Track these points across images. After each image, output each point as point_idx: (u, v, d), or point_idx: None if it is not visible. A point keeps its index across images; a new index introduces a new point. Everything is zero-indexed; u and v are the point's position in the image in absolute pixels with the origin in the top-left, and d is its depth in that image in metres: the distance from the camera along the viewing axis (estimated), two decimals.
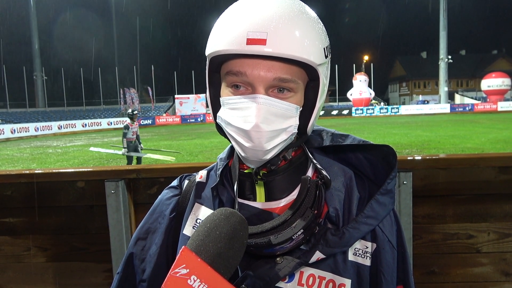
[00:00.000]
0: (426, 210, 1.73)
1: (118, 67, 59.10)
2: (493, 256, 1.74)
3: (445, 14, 51.10)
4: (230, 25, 0.71)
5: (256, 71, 0.71)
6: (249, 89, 0.73)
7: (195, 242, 0.62)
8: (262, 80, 0.71)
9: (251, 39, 0.68)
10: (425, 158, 1.68)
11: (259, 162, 0.77)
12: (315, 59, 0.71)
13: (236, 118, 0.73)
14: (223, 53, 0.72)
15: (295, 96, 0.74)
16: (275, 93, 0.73)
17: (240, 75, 0.72)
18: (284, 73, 0.71)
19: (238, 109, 0.73)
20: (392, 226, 0.82)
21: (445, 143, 13.91)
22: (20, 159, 14.47)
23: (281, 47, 0.68)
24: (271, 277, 0.73)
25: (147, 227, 0.92)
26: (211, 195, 0.85)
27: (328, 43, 0.78)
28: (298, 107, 0.75)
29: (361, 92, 48.91)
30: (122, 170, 1.77)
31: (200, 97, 47.23)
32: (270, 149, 0.73)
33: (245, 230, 0.66)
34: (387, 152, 0.80)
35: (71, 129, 34.27)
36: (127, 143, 10.25)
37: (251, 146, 0.72)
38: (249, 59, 0.71)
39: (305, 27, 0.71)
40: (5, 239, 1.91)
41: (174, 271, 0.57)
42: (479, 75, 59.45)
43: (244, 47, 0.68)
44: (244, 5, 0.73)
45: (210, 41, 0.75)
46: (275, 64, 0.71)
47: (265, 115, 0.71)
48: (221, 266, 0.61)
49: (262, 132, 0.71)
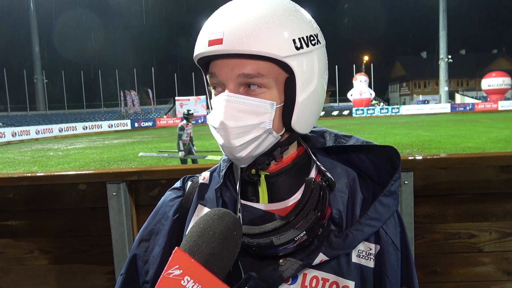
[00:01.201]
0: (428, 209, 1.73)
1: (118, 69, 59.18)
2: (495, 255, 1.74)
3: (445, 14, 51.08)
4: (201, 31, 0.76)
5: (224, 71, 0.73)
6: (223, 89, 0.75)
7: (189, 243, 0.62)
8: (229, 78, 0.73)
9: (211, 40, 0.71)
10: (426, 157, 1.68)
11: (238, 160, 0.77)
12: (277, 52, 0.70)
13: (211, 118, 0.76)
14: (198, 57, 0.76)
15: (269, 92, 0.74)
16: (245, 90, 0.74)
17: (214, 76, 0.75)
18: (248, 69, 0.71)
19: (214, 109, 0.75)
20: (396, 228, 0.82)
21: (446, 143, 13.89)
22: (22, 162, 14.48)
23: (236, 44, 0.69)
24: (274, 279, 0.73)
25: (150, 229, 0.92)
26: (215, 197, 0.85)
27: (308, 34, 0.74)
28: (274, 103, 0.74)
29: (361, 92, 48.87)
30: (124, 172, 1.77)
31: (200, 98, 47.24)
32: (240, 145, 0.73)
33: (239, 230, 0.66)
34: (391, 153, 0.80)
35: (72, 131, 34.28)
36: (183, 145, 9.63)
37: (222, 143, 0.74)
38: (219, 60, 0.74)
39: (263, 21, 0.70)
40: (8, 241, 1.91)
41: (167, 272, 0.57)
42: (479, 74, 59.40)
43: (206, 49, 0.72)
44: (214, 13, 0.77)
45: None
46: (239, 61, 0.72)
47: (231, 112, 0.72)
48: (214, 266, 0.61)
49: (228, 129, 0.72)
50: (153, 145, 18.69)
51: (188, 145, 9.86)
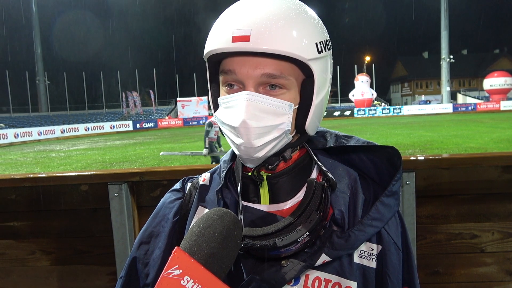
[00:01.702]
0: (430, 210, 1.72)
1: (120, 70, 59.16)
2: (498, 255, 1.73)
3: (446, 14, 51.00)
4: (220, 26, 0.74)
5: (245, 69, 0.71)
6: (240, 87, 0.74)
7: (189, 243, 0.62)
8: (251, 77, 0.72)
9: (236, 37, 0.69)
10: (428, 158, 1.68)
11: (253, 160, 0.76)
12: (303, 54, 0.70)
13: (227, 116, 0.74)
14: (214, 52, 0.73)
15: (288, 93, 0.74)
16: (266, 90, 0.73)
17: (230, 73, 0.73)
18: (272, 69, 0.71)
19: (230, 107, 0.74)
20: (397, 228, 0.82)
21: (448, 143, 13.86)
22: (24, 163, 14.52)
23: (265, 43, 0.68)
24: (277, 281, 0.73)
25: (150, 231, 0.91)
26: (216, 198, 0.85)
27: (325, 39, 0.77)
28: (292, 104, 0.74)
29: (363, 93, 48.82)
30: (125, 173, 1.77)
31: (202, 99, 47.26)
32: (260, 146, 0.73)
33: (239, 230, 0.66)
34: (392, 153, 0.80)
35: (74, 133, 34.34)
36: (209, 143, 8.70)
37: (241, 143, 0.73)
38: (239, 57, 0.72)
39: (292, 22, 0.71)
40: (10, 242, 1.91)
41: (166, 272, 0.56)
42: (481, 74, 59.22)
43: (230, 45, 0.70)
44: (234, 6, 0.75)
45: (206, 43, 0.77)
46: (263, 60, 0.71)
47: (253, 112, 0.71)
48: (214, 266, 0.60)
49: (250, 129, 0.71)
50: (155, 146, 18.70)
51: (214, 144, 8.93)
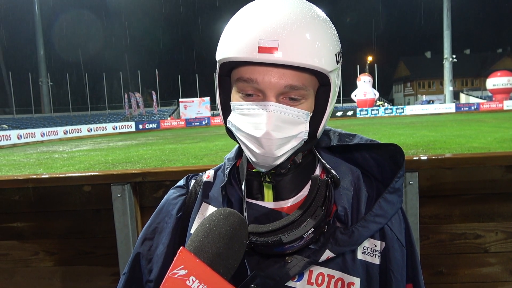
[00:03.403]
0: (433, 210, 1.72)
1: (122, 71, 59.40)
2: (502, 256, 1.72)
3: (449, 13, 50.88)
4: (241, 32, 0.71)
5: (267, 79, 0.71)
6: (260, 96, 0.73)
7: (194, 243, 0.62)
8: (273, 88, 0.71)
9: (262, 48, 0.67)
10: (431, 158, 1.67)
11: (268, 167, 0.77)
12: (326, 66, 0.71)
13: (246, 124, 0.73)
14: (235, 60, 0.72)
15: (306, 103, 0.74)
16: (286, 100, 0.73)
17: (251, 82, 0.72)
18: (295, 81, 0.71)
19: (248, 115, 0.73)
20: (401, 225, 0.82)
21: (451, 143, 13.81)
22: (27, 164, 14.57)
23: (293, 55, 0.67)
24: (281, 277, 0.73)
25: (154, 227, 0.92)
26: (220, 195, 0.85)
27: (340, 48, 0.77)
28: (309, 113, 0.75)
29: (365, 93, 48.78)
30: (128, 173, 1.77)
31: (204, 100, 47.27)
32: (280, 155, 0.74)
33: (245, 229, 0.66)
34: (394, 150, 0.80)
35: (77, 134, 34.45)
36: None
37: (262, 152, 0.73)
38: (261, 67, 0.71)
39: (317, 34, 0.71)
40: (13, 243, 1.92)
41: (172, 272, 0.56)
42: (484, 74, 59.12)
43: (255, 55, 0.68)
44: (255, 11, 0.73)
45: (221, 46, 0.75)
46: (286, 72, 0.70)
47: (275, 123, 0.71)
48: (220, 266, 0.60)
49: (273, 140, 0.71)
50: (157, 146, 18.73)
51: None
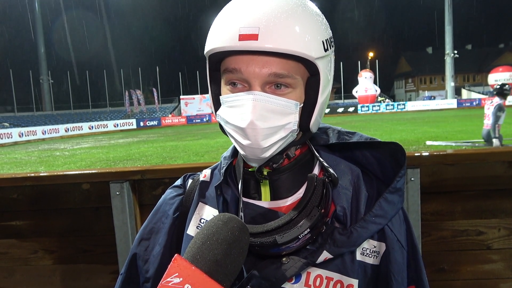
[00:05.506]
0: (435, 207, 1.71)
1: (123, 69, 59.38)
2: (504, 252, 1.71)
3: (450, 9, 50.67)
4: (224, 23, 0.71)
5: (251, 68, 0.69)
6: (246, 86, 0.72)
7: (192, 250, 0.60)
8: (257, 76, 0.70)
9: (243, 35, 0.67)
10: (433, 154, 1.66)
11: (259, 160, 0.75)
12: (311, 53, 0.69)
13: (233, 116, 0.72)
14: (218, 50, 0.71)
15: (294, 92, 0.72)
16: (272, 89, 0.71)
17: (235, 72, 0.71)
18: (280, 68, 0.69)
19: (235, 107, 0.72)
20: (401, 225, 0.80)
21: (452, 139, 13.78)
22: (28, 162, 14.59)
23: (274, 42, 0.66)
24: (277, 278, 0.72)
25: (151, 227, 0.91)
26: (215, 194, 0.84)
27: (330, 36, 0.75)
28: (298, 103, 0.73)
29: (366, 89, 48.64)
30: (127, 171, 1.76)
31: (205, 97, 47.26)
32: (267, 146, 0.72)
33: (245, 235, 0.63)
34: (395, 149, 0.78)
35: (78, 131, 34.48)
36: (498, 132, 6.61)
37: (248, 144, 0.71)
38: (244, 56, 0.70)
39: (300, 20, 0.69)
40: (12, 242, 1.91)
41: (166, 280, 0.54)
42: (485, 69, 58.85)
43: (236, 43, 0.68)
44: (238, 2, 0.73)
45: (207, 39, 0.74)
46: (270, 59, 0.69)
47: (260, 112, 0.69)
48: (218, 273, 0.58)
49: (258, 129, 0.69)
50: (158, 144, 18.74)
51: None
